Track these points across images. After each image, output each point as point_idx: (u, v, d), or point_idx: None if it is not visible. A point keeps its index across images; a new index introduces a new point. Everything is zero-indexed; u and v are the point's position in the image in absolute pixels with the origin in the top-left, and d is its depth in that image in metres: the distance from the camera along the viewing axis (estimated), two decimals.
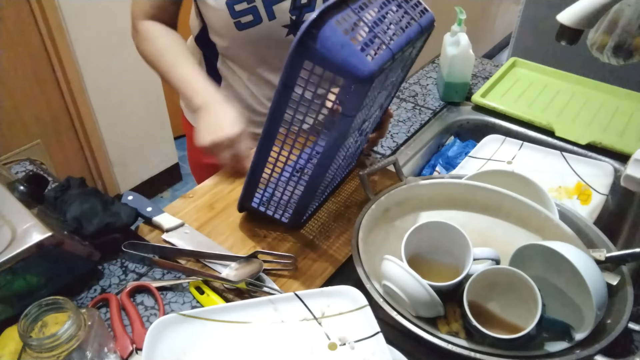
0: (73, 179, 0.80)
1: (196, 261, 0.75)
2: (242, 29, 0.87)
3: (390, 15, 0.62)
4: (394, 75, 0.71)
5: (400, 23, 0.62)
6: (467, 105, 1.18)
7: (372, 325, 0.58)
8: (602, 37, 0.95)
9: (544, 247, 0.61)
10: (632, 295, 0.60)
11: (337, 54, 0.53)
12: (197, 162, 1.16)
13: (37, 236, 0.63)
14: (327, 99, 0.60)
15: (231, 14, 0.85)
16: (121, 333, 0.64)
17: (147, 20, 0.89)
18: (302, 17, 0.89)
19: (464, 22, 1.12)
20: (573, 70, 1.24)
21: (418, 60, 0.81)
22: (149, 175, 2.29)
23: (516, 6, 2.02)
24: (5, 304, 0.64)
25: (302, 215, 0.78)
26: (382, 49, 0.57)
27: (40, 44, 1.79)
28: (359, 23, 0.57)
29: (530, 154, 1.01)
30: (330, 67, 0.55)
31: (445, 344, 0.57)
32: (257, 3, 0.85)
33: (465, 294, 0.60)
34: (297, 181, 0.71)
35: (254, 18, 0.86)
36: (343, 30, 0.54)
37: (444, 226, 0.66)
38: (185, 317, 0.59)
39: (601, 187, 0.92)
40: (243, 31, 0.88)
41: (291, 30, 0.90)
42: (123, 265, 0.76)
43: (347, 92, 0.56)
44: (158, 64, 0.88)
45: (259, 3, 0.85)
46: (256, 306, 0.61)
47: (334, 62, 0.54)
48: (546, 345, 0.59)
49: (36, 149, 1.91)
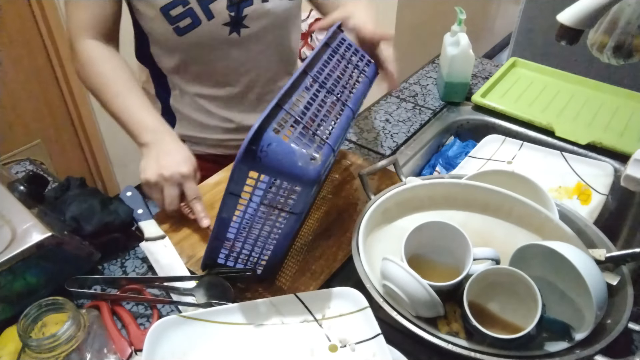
0: (73, 179, 0.80)
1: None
2: (182, 34, 0.84)
3: (324, 96, 0.63)
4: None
5: (350, 81, 0.63)
6: (467, 105, 1.18)
7: (372, 327, 0.58)
8: (602, 37, 0.95)
9: (544, 247, 0.61)
10: (632, 295, 0.60)
11: (281, 162, 0.54)
12: None
13: (37, 236, 0.63)
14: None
15: (168, 20, 0.82)
16: (117, 336, 0.64)
17: (88, 40, 0.82)
18: (242, 13, 0.85)
19: (464, 22, 1.12)
20: (573, 70, 1.24)
21: (418, 60, 0.81)
22: None
23: (516, 6, 2.02)
24: (5, 304, 0.64)
25: (276, 270, 0.73)
26: (323, 146, 0.57)
27: (40, 44, 1.79)
28: (296, 124, 0.57)
29: (530, 154, 1.01)
30: (276, 175, 0.55)
31: (445, 344, 0.57)
32: (192, 4, 0.82)
33: (465, 294, 0.60)
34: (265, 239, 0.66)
35: (192, 20, 0.83)
36: (283, 136, 0.54)
37: (444, 226, 0.66)
38: (185, 319, 0.59)
39: (601, 187, 0.92)
40: (184, 36, 0.85)
41: (233, 28, 0.87)
42: (123, 266, 0.76)
43: (294, 193, 0.57)
44: (99, 92, 0.81)
45: (194, 4, 0.82)
46: (257, 308, 0.61)
47: (280, 170, 0.54)
48: (546, 345, 0.59)
49: (36, 149, 1.91)
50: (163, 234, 0.79)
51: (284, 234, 0.63)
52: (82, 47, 0.82)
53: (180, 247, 0.78)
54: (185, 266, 0.75)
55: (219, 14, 0.84)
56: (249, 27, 0.88)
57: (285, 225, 0.61)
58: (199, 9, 0.82)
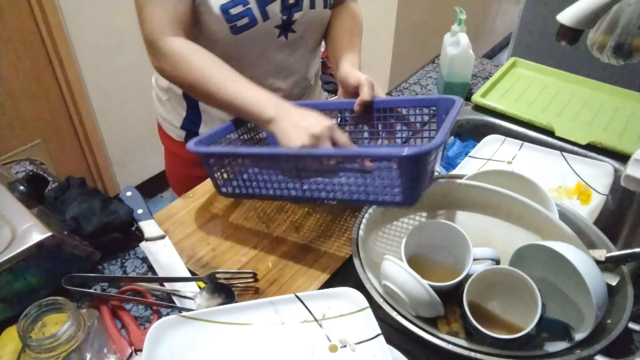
0: (73, 179, 0.80)
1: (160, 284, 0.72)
2: (237, 33, 0.86)
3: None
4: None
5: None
6: (467, 105, 1.18)
7: (373, 328, 0.58)
8: (602, 37, 0.95)
9: (544, 247, 0.61)
10: (632, 295, 0.60)
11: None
12: (176, 173, 1.14)
13: (37, 236, 0.63)
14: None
15: (226, 18, 0.83)
16: (117, 336, 0.64)
17: (172, 37, 0.80)
18: (292, 17, 0.89)
19: (464, 22, 1.12)
20: (573, 70, 1.24)
21: (418, 61, 0.81)
22: (149, 175, 2.29)
23: (516, 6, 2.02)
24: (5, 304, 0.64)
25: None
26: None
27: (40, 44, 1.79)
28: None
29: (530, 154, 1.01)
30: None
31: (445, 344, 0.57)
32: (251, 4, 0.84)
33: (465, 294, 0.60)
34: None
35: (249, 20, 0.85)
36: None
37: (444, 226, 0.66)
38: (185, 319, 0.59)
39: (601, 187, 0.92)
40: (237, 35, 0.86)
41: (282, 31, 0.90)
42: (123, 266, 0.76)
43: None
44: (202, 84, 0.79)
45: (253, 4, 0.84)
46: (257, 308, 0.61)
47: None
48: (546, 346, 0.59)
49: (36, 149, 1.91)
50: (163, 234, 0.79)
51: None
52: (169, 46, 0.80)
53: (180, 247, 0.78)
54: (186, 266, 0.75)
55: (273, 16, 0.87)
56: (296, 31, 0.91)
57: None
58: (257, 9, 0.85)
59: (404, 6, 2.28)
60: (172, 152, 1.09)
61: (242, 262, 0.76)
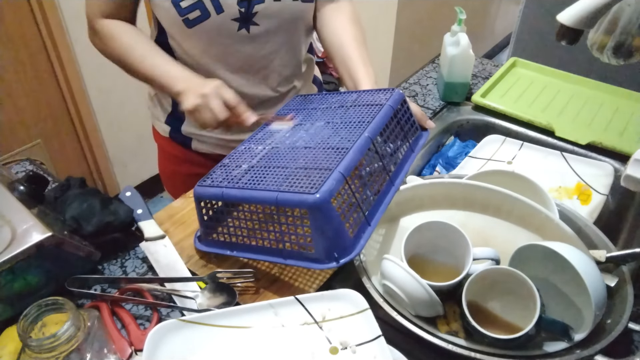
0: (73, 179, 0.80)
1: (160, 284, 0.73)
2: (191, 26, 0.85)
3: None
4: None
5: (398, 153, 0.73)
6: (467, 105, 1.18)
7: (373, 329, 0.57)
8: (602, 37, 0.95)
9: (543, 247, 0.61)
10: (632, 296, 0.60)
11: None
12: (164, 170, 1.14)
13: (37, 236, 0.63)
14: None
15: (178, 11, 0.83)
16: (117, 337, 0.64)
17: (106, 20, 0.87)
18: (252, 10, 0.85)
19: (464, 22, 1.12)
20: (573, 70, 1.23)
21: (418, 61, 0.81)
22: (149, 175, 2.29)
23: (516, 6, 2.02)
24: (5, 304, 0.64)
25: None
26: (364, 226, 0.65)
27: (40, 44, 1.79)
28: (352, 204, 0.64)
29: (530, 154, 1.01)
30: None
31: (445, 344, 0.57)
32: None
33: (464, 294, 0.60)
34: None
35: (202, 13, 0.83)
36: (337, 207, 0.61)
37: (444, 226, 0.66)
38: (185, 323, 0.59)
39: (601, 187, 0.92)
40: (192, 28, 0.85)
41: (242, 24, 0.87)
42: (123, 266, 0.76)
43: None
44: (125, 58, 0.86)
45: None
46: (256, 311, 0.61)
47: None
48: (545, 346, 0.59)
49: (36, 149, 1.91)
50: (163, 234, 0.79)
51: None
52: (100, 25, 0.87)
53: (180, 247, 0.78)
54: (186, 266, 0.75)
55: (228, 9, 0.84)
56: (259, 24, 0.88)
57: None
58: (209, 1, 0.83)
59: (404, 6, 2.28)
60: (161, 147, 1.09)
61: (243, 261, 0.76)
